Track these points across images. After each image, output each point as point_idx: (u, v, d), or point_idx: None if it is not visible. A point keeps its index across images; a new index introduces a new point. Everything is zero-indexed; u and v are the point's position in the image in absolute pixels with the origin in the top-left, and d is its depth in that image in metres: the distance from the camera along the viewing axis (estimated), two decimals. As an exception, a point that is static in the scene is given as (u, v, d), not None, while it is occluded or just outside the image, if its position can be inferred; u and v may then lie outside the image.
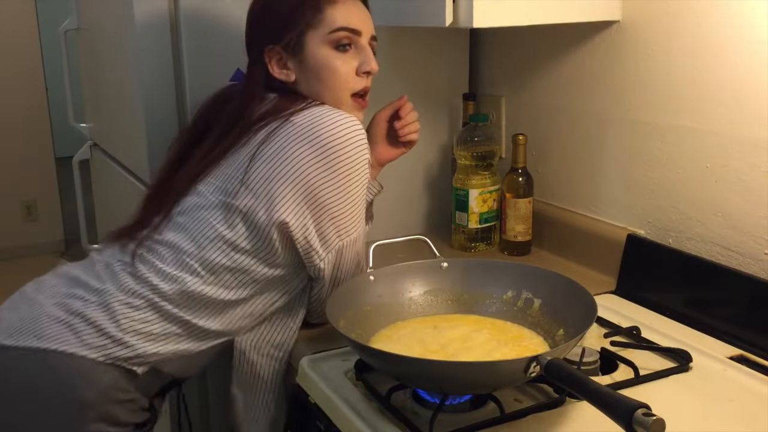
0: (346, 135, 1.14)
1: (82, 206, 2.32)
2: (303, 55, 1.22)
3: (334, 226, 1.18)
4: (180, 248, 1.18)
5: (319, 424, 1.11)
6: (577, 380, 0.87)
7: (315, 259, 1.19)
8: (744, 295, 1.23)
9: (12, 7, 4.28)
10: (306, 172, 1.14)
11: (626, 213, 1.49)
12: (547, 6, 1.34)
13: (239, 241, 1.17)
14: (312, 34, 1.21)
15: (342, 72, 1.22)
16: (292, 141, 1.14)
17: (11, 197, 4.45)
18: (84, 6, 2.07)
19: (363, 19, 1.24)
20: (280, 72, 1.23)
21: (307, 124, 1.15)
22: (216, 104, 1.29)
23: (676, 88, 1.35)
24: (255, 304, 1.23)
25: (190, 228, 1.19)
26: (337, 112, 1.17)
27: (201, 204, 1.19)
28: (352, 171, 1.15)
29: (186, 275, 1.17)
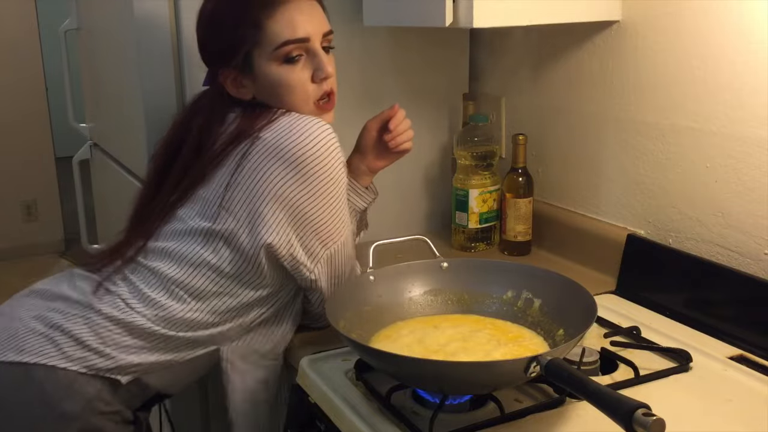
0: (315, 143, 1.13)
1: (82, 206, 2.32)
2: (254, 74, 1.20)
3: (318, 236, 1.17)
4: (165, 275, 1.17)
5: (319, 424, 1.11)
6: (577, 380, 0.87)
7: (304, 272, 1.18)
8: (744, 295, 1.23)
9: (12, 7, 4.28)
10: (282, 188, 1.12)
11: (626, 213, 1.49)
12: (547, 6, 1.34)
13: (224, 266, 1.16)
14: (258, 52, 1.17)
15: (297, 85, 1.19)
16: (264, 159, 1.13)
17: (11, 197, 4.45)
18: (84, 6, 2.07)
19: (309, 21, 1.18)
20: (237, 92, 1.22)
21: (275, 140, 1.13)
22: (188, 116, 1.27)
23: (676, 88, 1.35)
24: (242, 319, 1.21)
25: (174, 254, 1.17)
26: (304, 119, 1.15)
27: (183, 230, 1.18)
28: (327, 178, 1.14)
29: (172, 302, 1.16)
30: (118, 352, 1.14)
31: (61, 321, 1.15)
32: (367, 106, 1.52)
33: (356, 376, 1.11)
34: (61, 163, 4.33)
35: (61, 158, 4.29)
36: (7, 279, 4.18)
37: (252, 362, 1.24)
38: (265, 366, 1.25)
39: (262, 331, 1.24)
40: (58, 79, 2.40)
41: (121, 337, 1.15)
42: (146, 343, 1.16)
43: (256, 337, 1.24)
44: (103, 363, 1.14)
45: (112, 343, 1.14)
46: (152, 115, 1.55)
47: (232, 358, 1.23)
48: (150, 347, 1.16)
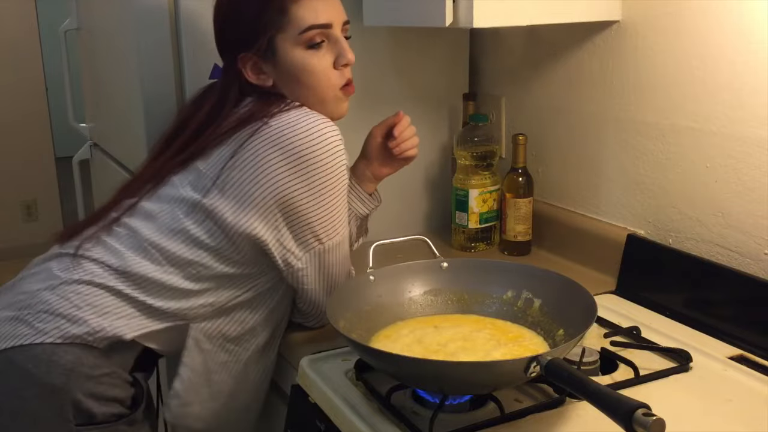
0: (319, 140, 1.13)
1: (82, 206, 2.32)
2: (276, 59, 1.20)
3: (311, 230, 1.17)
4: (142, 234, 1.17)
5: (319, 424, 1.11)
6: (577, 380, 0.87)
7: (291, 260, 1.18)
8: (744, 295, 1.23)
9: (12, 7, 4.28)
10: (277, 178, 1.13)
11: (626, 213, 1.49)
12: (547, 6, 1.34)
13: (203, 237, 1.16)
14: (282, 37, 1.18)
15: (320, 71, 1.20)
16: (266, 146, 1.13)
17: (11, 197, 4.45)
18: (84, 6, 2.07)
19: (331, 9, 1.20)
20: (257, 78, 1.22)
21: (281, 129, 1.13)
22: (195, 105, 1.27)
23: (676, 88, 1.35)
24: (216, 296, 1.20)
25: (157, 216, 1.18)
26: (313, 116, 1.15)
27: (171, 195, 1.19)
28: (327, 175, 1.14)
29: (144, 260, 1.16)
30: (90, 314, 1.13)
31: (29, 299, 1.15)
32: (367, 107, 1.52)
33: (356, 376, 1.11)
34: (61, 163, 4.33)
35: (61, 158, 4.29)
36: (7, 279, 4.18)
37: (217, 344, 1.23)
38: (228, 350, 1.24)
39: (234, 316, 1.23)
40: (58, 79, 2.40)
41: (92, 298, 1.14)
42: (117, 305, 1.15)
43: (226, 321, 1.23)
44: (76, 329, 1.13)
45: (85, 306, 1.14)
46: (152, 115, 1.55)
47: (197, 336, 1.21)
48: (120, 312, 1.15)
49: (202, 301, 1.20)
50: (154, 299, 1.17)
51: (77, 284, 1.15)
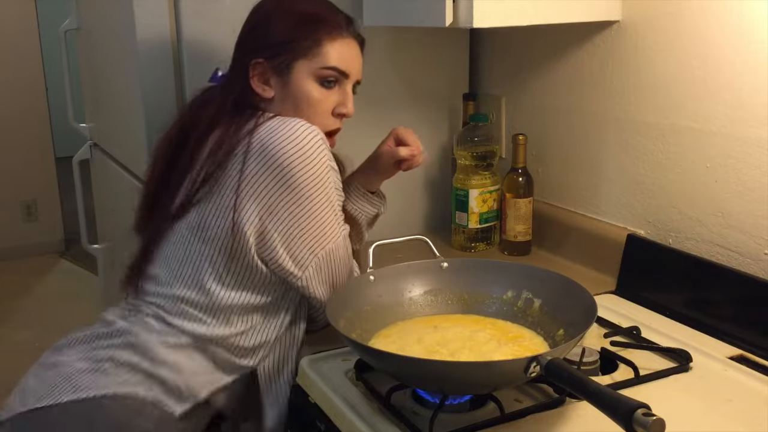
0: (299, 147, 1.12)
1: (82, 206, 2.32)
2: (287, 79, 1.21)
3: (304, 243, 1.16)
4: (174, 297, 1.18)
5: (319, 424, 1.11)
6: (577, 380, 0.87)
7: (293, 281, 1.18)
8: (744, 295, 1.23)
9: (12, 7, 4.28)
10: (265, 194, 1.13)
11: (626, 213, 1.49)
12: (547, 6, 1.35)
13: (223, 276, 1.17)
14: (303, 62, 1.21)
15: (320, 108, 1.23)
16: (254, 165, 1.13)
17: (11, 197, 4.44)
18: (84, 6, 2.07)
19: (355, 63, 1.25)
20: (259, 86, 1.22)
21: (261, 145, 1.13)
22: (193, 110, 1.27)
23: (676, 88, 1.35)
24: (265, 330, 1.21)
25: (178, 274, 1.19)
26: (287, 123, 1.14)
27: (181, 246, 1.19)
28: (311, 184, 1.13)
29: (188, 322, 1.17)
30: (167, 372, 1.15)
31: (109, 352, 1.15)
32: (366, 107, 1.52)
33: (356, 376, 1.11)
34: (61, 163, 4.33)
35: (61, 158, 4.29)
36: (7, 279, 4.19)
37: (286, 371, 1.24)
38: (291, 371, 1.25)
39: (287, 339, 1.24)
40: (58, 79, 2.40)
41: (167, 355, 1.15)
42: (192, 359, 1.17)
43: (283, 347, 1.24)
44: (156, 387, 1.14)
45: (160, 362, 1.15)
46: (152, 115, 1.55)
47: (267, 372, 1.23)
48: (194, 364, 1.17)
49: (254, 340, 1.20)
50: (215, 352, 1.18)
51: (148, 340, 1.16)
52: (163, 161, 1.25)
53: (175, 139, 1.25)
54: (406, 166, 1.36)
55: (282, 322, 1.23)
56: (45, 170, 4.49)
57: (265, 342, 1.21)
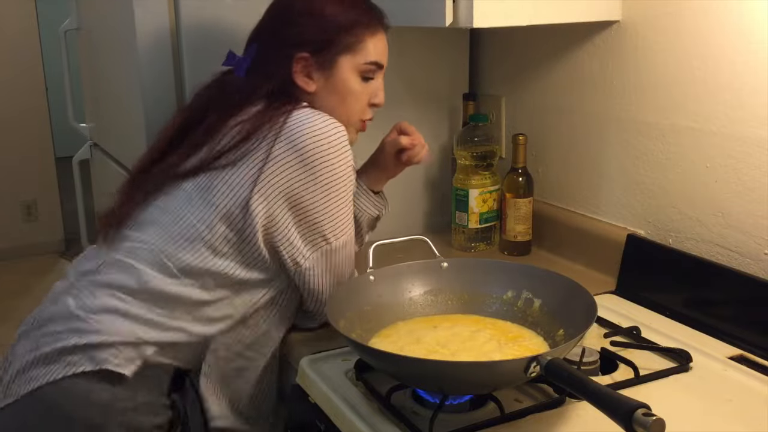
0: (329, 141, 1.15)
1: (82, 206, 2.32)
2: (331, 72, 1.24)
3: (319, 229, 1.18)
4: (156, 247, 1.18)
5: (319, 424, 1.11)
6: (577, 380, 0.87)
7: (299, 259, 1.19)
8: (744, 295, 1.23)
9: (12, 7, 4.28)
10: (287, 177, 1.14)
11: (626, 213, 1.49)
12: (547, 6, 1.35)
13: (218, 243, 1.17)
14: (347, 57, 1.24)
15: (361, 101, 1.27)
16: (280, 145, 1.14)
17: (11, 197, 4.44)
18: (84, 6, 2.07)
19: (387, 55, 1.29)
20: (302, 80, 1.24)
21: (293, 129, 1.15)
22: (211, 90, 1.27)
23: (676, 88, 1.35)
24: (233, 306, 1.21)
25: (170, 227, 1.18)
26: (322, 117, 1.17)
27: (183, 202, 1.19)
28: (336, 176, 1.16)
29: (162, 275, 1.17)
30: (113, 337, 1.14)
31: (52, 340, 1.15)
32: (367, 106, 1.52)
33: (356, 376, 1.11)
34: (61, 163, 4.33)
35: (61, 158, 4.29)
36: (7, 279, 4.19)
37: (233, 352, 1.23)
38: (246, 357, 1.24)
39: (249, 322, 1.24)
40: (58, 79, 2.40)
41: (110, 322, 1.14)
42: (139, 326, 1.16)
43: (243, 328, 1.23)
44: (103, 354, 1.13)
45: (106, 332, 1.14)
46: (152, 114, 1.55)
47: (216, 347, 1.22)
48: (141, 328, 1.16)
49: (220, 313, 1.20)
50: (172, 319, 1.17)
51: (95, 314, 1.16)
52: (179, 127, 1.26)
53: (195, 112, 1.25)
54: (407, 157, 1.36)
55: (252, 305, 1.22)
56: (45, 170, 4.49)
57: (227, 316, 1.21)
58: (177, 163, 1.22)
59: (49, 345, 1.15)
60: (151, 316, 1.16)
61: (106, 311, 1.16)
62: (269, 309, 1.25)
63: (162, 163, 1.24)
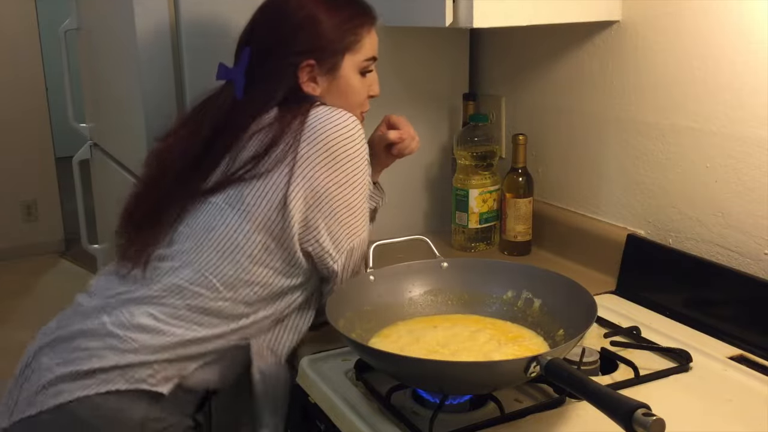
0: (349, 133, 1.16)
1: (82, 206, 2.32)
2: (335, 75, 1.25)
3: (345, 227, 1.18)
4: (197, 262, 1.17)
5: (319, 424, 1.11)
6: (577, 380, 0.87)
7: (329, 262, 1.19)
8: (744, 295, 1.23)
9: (12, 7, 4.28)
10: (317, 173, 1.14)
11: (626, 213, 1.49)
12: (547, 6, 1.35)
13: (256, 252, 1.16)
14: (348, 57, 1.25)
15: (361, 95, 1.30)
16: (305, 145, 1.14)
17: (11, 197, 4.44)
18: (84, 6, 2.07)
19: (377, 45, 1.31)
20: (309, 86, 1.24)
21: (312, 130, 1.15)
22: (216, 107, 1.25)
23: (676, 88, 1.35)
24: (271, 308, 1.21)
25: (205, 241, 1.17)
26: (337, 112, 1.18)
27: (214, 216, 1.18)
28: (358, 168, 1.17)
29: (203, 290, 1.16)
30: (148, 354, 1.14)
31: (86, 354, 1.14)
32: (367, 106, 1.52)
33: (356, 376, 1.11)
34: (61, 163, 4.33)
35: (61, 158, 4.29)
36: (7, 279, 4.19)
37: (278, 354, 1.23)
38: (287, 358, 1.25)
39: (287, 324, 1.24)
40: (58, 79, 2.40)
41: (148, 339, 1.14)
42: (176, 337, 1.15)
43: (282, 331, 1.24)
44: (139, 372, 1.13)
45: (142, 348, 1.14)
46: (152, 115, 1.55)
47: (260, 350, 1.21)
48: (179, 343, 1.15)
49: (259, 315, 1.20)
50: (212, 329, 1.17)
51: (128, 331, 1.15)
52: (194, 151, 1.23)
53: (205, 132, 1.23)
54: (397, 150, 1.37)
55: (288, 306, 1.22)
56: (45, 170, 4.49)
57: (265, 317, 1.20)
58: (199, 183, 1.21)
59: (83, 361, 1.14)
60: (191, 333, 1.16)
61: (145, 330, 1.15)
62: (302, 310, 1.26)
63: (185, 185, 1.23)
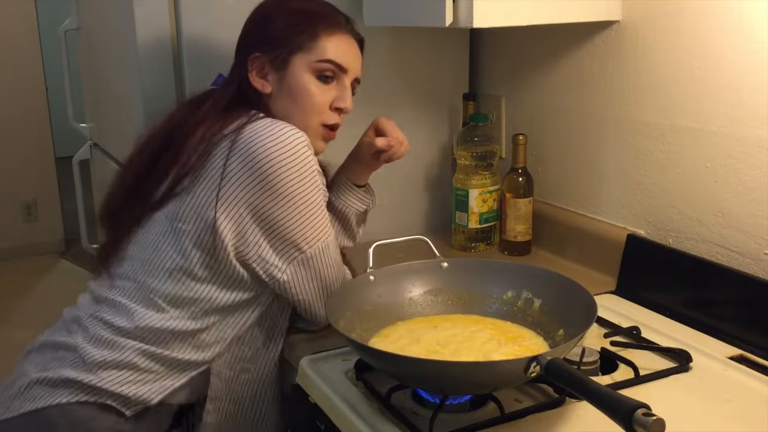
0: (281, 150, 1.13)
1: (82, 206, 2.32)
2: (285, 73, 1.23)
3: (290, 241, 1.17)
4: (142, 283, 1.19)
5: (319, 424, 1.11)
6: (577, 380, 0.87)
7: (275, 273, 1.18)
8: (744, 295, 1.23)
9: (12, 7, 4.28)
10: (246, 193, 1.13)
11: (626, 213, 1.49)
12: (547, 6, 1.34)
13: (196, 269, 1.17)
14: (300, 56, 1.22)
15: (317, 100, 1.23)
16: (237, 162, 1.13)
17: (11, 197, 4.45)
18: (84, 6, 2.07)
19: (353, 59, 1.26)
20: (258, 81, 1.23)
21: (249, 142, 1.13)
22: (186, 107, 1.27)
23: (676, 88, 1.35)
24: (224, 329, 1.22)
25: (150, 261, 1.19)
26: (278, 125, 1.15)
27: (158, 234, 1.19)
28: (295, 183, 1.14)
29: (149, 311, 1.17)
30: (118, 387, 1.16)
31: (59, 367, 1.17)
32: (366, 106, 1.52)
33: (356, 376, 1.11)
34: (61, 163, 4.33)
35: (61, 158, 4.29)
36: (7, 279, 4.19)
37: (237, 370, 1.24)
38: (250, 370, 1.25)
39: (246, 339, 1.24)
40: (58, 79, 2.40)
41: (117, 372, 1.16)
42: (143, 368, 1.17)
43: (239, 345, 1.24)
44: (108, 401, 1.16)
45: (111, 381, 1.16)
46: (152, 114, 1.54)
47: (219, 370, 1.23)
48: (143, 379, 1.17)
49: (214, 337, 1.21)
50: (169, 351, 1.18)
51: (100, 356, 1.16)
52: (149, 153, 1.25)
53: (163, 133, 1.25)
54: (386, 157, 1.34)
55: (244, 322, 1.23)
56: (45, 170, 4.50)
57: (221, 339, 1.22)
58: (150, 192, 1.22)
59: (57, 370, 1.16)
60: (149, 353, 1.17)
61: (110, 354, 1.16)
62: (262, 323, 1.25)
63: (138, 193, 1.24)
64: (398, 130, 1.34)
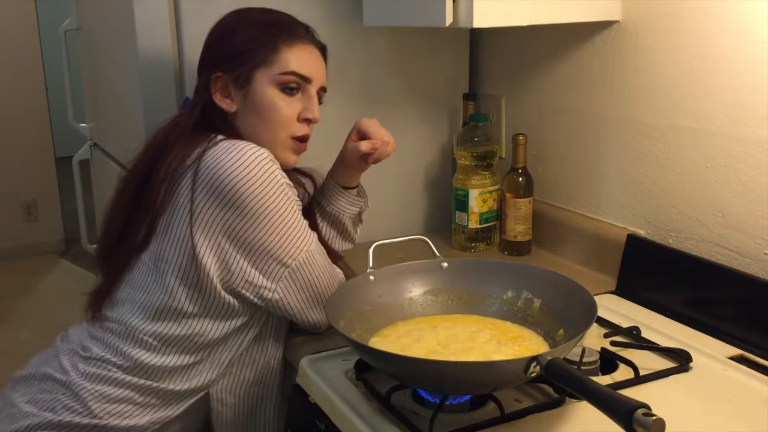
0: (241, 171, 1.11)
1: (82, 206, 2.32)
2: (248, 89, 1.22)
3: (272, 258, 1.16)
4: (131, 324, 1.18)
5: (319, 424, 1.11)
6: (577, 380, 0.87)
7: (265, 294, 1.18)
8: (744, 295, 1.23)
9: (12, 7, 4.28)
10: (218, 221, 1.13)
11: (626, 213, 1.49)
12: (547, 6, 1.35)
13: (185, 306, 1.16)
14: (262, 71, 1.21)
15: (284, 114, 1.22)
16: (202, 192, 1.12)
17: (11, 197, 4.45)
18: (84, 6, 2.07)
19: (316, 69, 1.25)
20: (222, 101, 1.23)
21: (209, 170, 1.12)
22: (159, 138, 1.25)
23: (675, 88, 1.35)
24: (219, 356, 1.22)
25: (141, 302, 1.18)
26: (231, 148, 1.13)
27: (146, 275, 1.19)
28: (263, 200, 1.13)
29: (141, 351, 1.17)
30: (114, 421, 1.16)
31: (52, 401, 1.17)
32: (366, 106, 1.53)
33: (356, 376, 1.11)
34: (61, 163, 4.33)
35: (61, 158, 4.29)
36: (7, 279, 4.19)
37: (240, 394, 1.24)
38: (253, 394, 1.26)
39: (246, 361, 1.24)
40: (58, 79, 2.40)
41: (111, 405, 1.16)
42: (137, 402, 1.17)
43: (240, 369, 1.24)
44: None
45: (106, 414, 1.16)
46: (152, 114, 1.55)
47: (220, 396, 1.23)
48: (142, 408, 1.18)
49: (209, 365, 1.21)
50: (166, 383, 1.18)
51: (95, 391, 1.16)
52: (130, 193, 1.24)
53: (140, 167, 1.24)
54: (373, 159, 1.32)
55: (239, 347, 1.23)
56: (45, 170, 4.50)
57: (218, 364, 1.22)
58: (135, 233, 1.21)
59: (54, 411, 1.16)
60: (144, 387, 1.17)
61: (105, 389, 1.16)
62: (259, 343, 1.25)
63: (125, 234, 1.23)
64: (381, 129, 1.32)
